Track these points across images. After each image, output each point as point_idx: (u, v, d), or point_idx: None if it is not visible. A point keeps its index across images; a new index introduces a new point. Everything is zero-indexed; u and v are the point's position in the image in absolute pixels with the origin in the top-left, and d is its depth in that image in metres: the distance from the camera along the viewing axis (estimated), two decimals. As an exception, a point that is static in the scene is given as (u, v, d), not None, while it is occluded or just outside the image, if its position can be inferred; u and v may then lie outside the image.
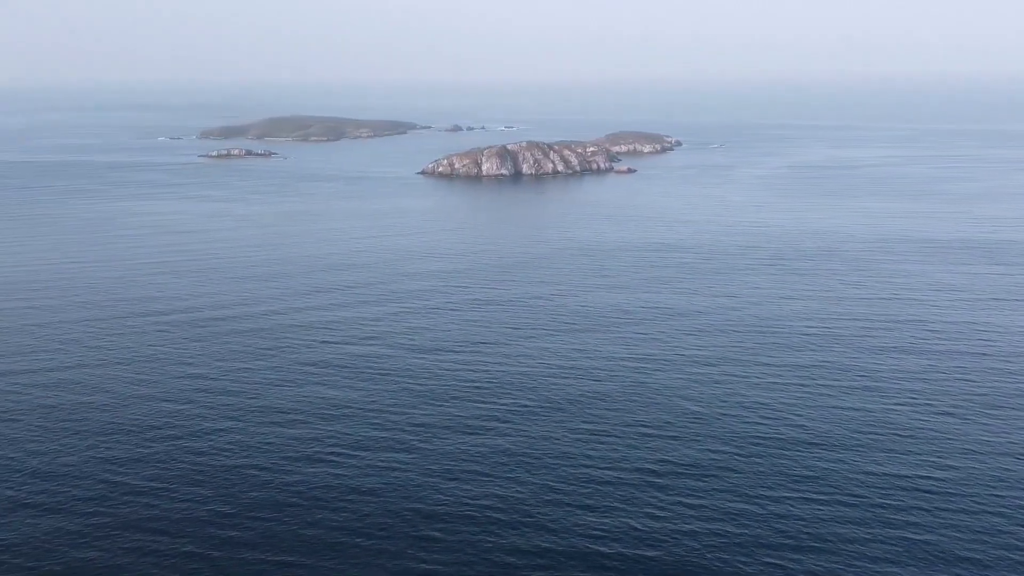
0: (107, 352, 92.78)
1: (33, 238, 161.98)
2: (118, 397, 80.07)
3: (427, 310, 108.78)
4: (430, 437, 71.08)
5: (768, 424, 73.35)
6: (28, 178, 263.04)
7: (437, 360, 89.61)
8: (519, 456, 67.64)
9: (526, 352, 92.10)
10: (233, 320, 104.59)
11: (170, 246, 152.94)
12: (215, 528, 57.79)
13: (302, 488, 62.84)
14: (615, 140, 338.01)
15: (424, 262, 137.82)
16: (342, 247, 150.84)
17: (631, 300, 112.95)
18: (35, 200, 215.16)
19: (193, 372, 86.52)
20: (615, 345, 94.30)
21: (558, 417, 75.05)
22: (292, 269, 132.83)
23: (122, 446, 69.71)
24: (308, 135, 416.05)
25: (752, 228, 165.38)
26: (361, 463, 66.65)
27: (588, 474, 64.66)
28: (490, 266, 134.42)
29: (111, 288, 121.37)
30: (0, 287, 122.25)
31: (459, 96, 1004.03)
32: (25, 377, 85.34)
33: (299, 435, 71.64)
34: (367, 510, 59.83)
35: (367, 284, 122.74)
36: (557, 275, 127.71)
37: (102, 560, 54.27)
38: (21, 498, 61.55)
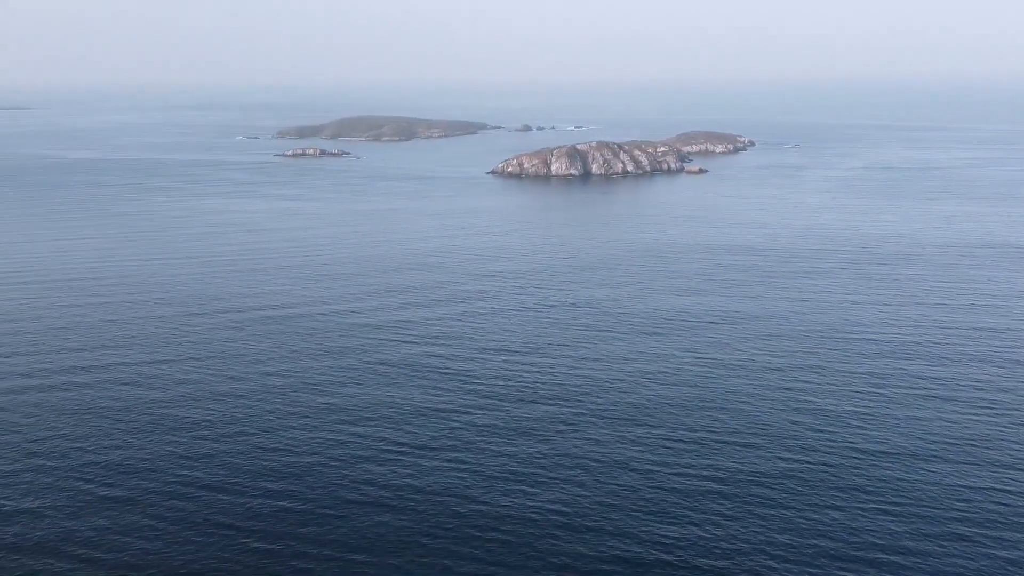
0: (182, 349, 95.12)
1: (114, 235, 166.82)
2: (192, 393, 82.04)
3: (494, 312, 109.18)
4: (495, 439, 71.34)
5: (839, 433, 71.91)
6: (113, 175, 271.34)
7: (503, 362, 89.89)
8: (583, 460, 67.48)
9: (592, 355, 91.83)
10: (305, 319, 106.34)
11: (246, 244, 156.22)
12: (285, 525, 58.84)
13: (369, 487, 63.61)
14: (686, 140, 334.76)
15: (492, 263, 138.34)
16: (412, 247, 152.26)
17: (700, 304, 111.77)
18: (118, 197, 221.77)
19: (265, 370, 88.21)
20: (682, 350, 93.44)
21: (623, 422, 74.66)
22: (364, 269, 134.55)
23: (195, 442, 71.39)
24: (380, 135, 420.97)
25: (826, 231, 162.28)
26: (427, 463, 67.19)
27: (654, 480, 64.20)
28: (558, 267, 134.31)
29: (188, 285, 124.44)
30: (80, 283, 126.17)
31: (530, 97, 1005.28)
32: (104, 372, 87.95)
33: (367, 434, 72.55)
34: (431, 510, 60.31)
35: (436, 285, 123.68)
36: (625, 277, 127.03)
37: (174, 555, 55.64)
38: (100, 492, 63.44)
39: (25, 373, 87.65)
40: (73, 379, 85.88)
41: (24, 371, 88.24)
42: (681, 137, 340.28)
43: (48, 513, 60.19)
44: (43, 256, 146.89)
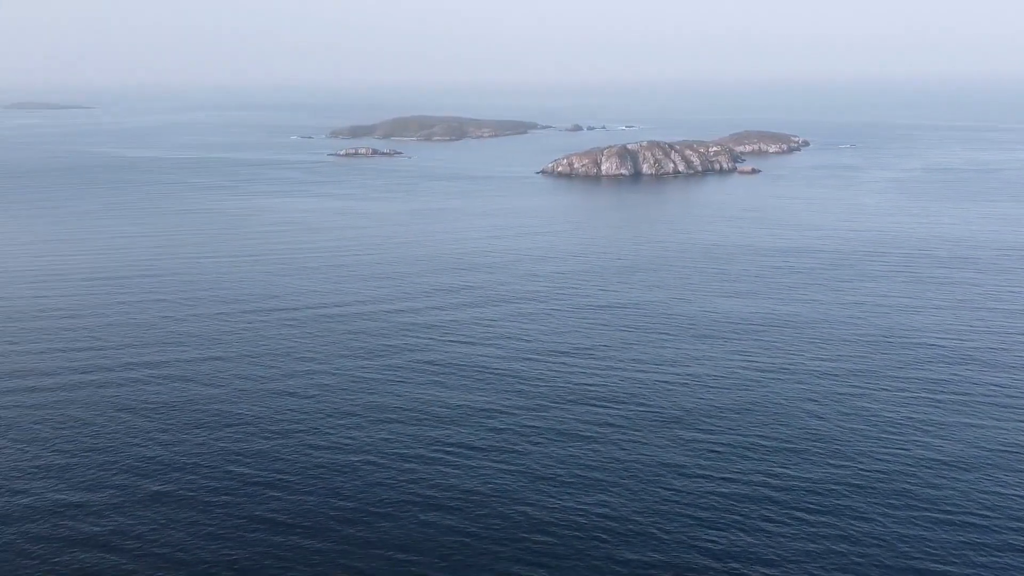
0: (236, 346, 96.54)
1: (172, 232, 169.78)
2: (245, 390, 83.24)
3: (543, 313, 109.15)
4: (541, 441, 71.34)
5: (893, 440, 70.69)
6: (171, 174, 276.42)
7: (551, 363, 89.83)
8: (630, 463, 67.18)
9: (641, 358, 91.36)
10: (356, 318, 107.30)
11: (300, 242, 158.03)
12: (334, 523, 59.45)
13: (416, 487, 63.99)
14: (739, 140, 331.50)
15: (541, 263, 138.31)
16: (461, 247, 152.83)
17: (751, 307, 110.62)
18: (175, 195, 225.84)
19: (316, 368, 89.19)
20: (732, 353, 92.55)
21: (672, 426, 74.19)
22: (414, 268, 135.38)
23: (248, 439, 72.40)
24: (431, 135, 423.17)
25: (882, 233, 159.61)
26: (473, 464, 67.40)
27: (702, 486, 63.70)
28: (607, 268, 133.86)
29: (243, 282, 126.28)
30: (138, 280, 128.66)
31: (580, 96, 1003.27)
32: (159, 369, 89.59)
33: (415, 433, 72.99)
34: (477, 511, 60.49)
35: (485, 285, 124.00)
36: (675, 279, 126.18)
37: (225, 551, 56.49)
38: (154, 487, 64.62)
39: (84, 368, 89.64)
40: (130, 375, 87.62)
41: (83, 366, 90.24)
42: (734, 137, 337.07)
43: (103, 508, 61.48)
44: (103, 253, 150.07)
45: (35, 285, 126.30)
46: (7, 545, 56.76)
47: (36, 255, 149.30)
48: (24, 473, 66.56)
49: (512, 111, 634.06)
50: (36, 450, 70.46)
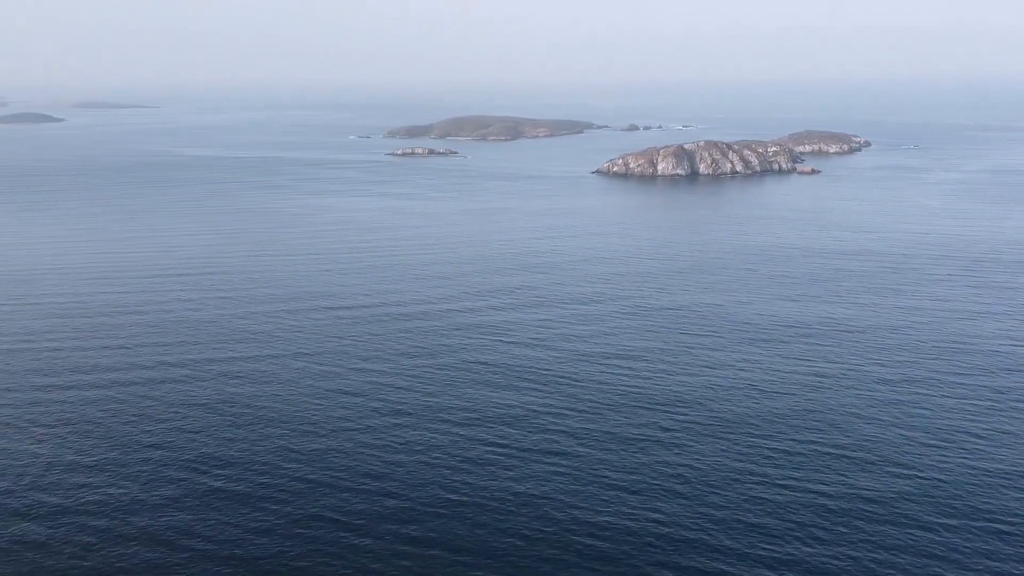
0: (292, 344, 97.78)
1: (230, 230, 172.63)
2: (301, 389, 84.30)
3: (596, 315, 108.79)
4: (593, 444, 71.11)
5: (953, 449, 69.16)
6: (229, 172, 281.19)
7: (604, 367, 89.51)
8: (684, 469, 66.66)
9: (695, 362, 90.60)
10: (411, 318, 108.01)
11: (356, 241, 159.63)
12: (389, 523, 59.91)
13: (468, 488, 64.22)
14: (799, 140, 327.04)
15: (594, 265, 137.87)
16: (515, 247, 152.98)
17: (809, 311, 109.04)
18: (234, 193, 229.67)
19: (371, 367, 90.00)
20: (789, 359, 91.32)
21: (726, 432, 73.44)
22: (467, 269, 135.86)
23: (303, 437, 73.31)
24: (487, 134, 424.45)
25: (945, 236, 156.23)
26: (526, 466, 67.42)
27: (756, 493, 62.97)
28: (662, 270, 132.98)
29: (300, 281, 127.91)
30: (197, 277, 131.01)
31: (638, 97, 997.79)
32: (217, 366, 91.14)
33: (468, 435, 73.25)
34: (530, 514, 60.51)
35: (538, 286, 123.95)
36: (732, 281, 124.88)
37: (282, 550, 57.29)
38: (212, 484, 65.78)
39: (145, 365, 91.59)
40: (189, 371, 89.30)
41: (143, 363, 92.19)
42: (793, 137, 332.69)
43: (160, 503, 62.74)
44: (164, 250, 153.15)
45: (97, 281, 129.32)
46: (68, 538, 58.23)
47: (99, 252, 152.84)
48: (85, 467, 68.21)
49: (568, 111, 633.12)
50: (97, 445, 72.15)
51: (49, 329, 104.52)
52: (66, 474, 66.98)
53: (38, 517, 60.56)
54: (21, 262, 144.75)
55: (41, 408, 79.88)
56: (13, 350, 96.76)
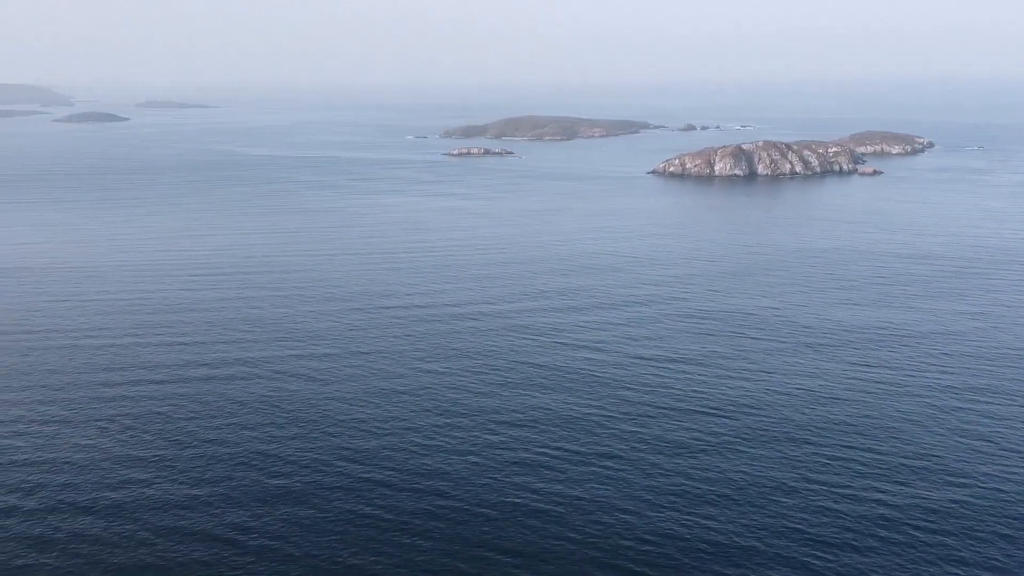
0: (348, 344, 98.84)
1: (290, 229, 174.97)
2: (356, 388, 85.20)
3: (650, 318, 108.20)
4: (645, 449, 70.74)
5: (1015, 459, 67.47)
6: (289, 172, 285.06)
7: (657, 370, 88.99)
8: (737, 475, 66.00)
9: (750, 367, 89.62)
10: (465, 319, 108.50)
11: (412, 241, 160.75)
12: (441, 524, 60.28)
13: (519, 490, 64.32)
14: (860, 140, 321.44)
15: (650, 267, 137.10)
16: (568, 249, 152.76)
17: (868, 316, 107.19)
18: (293, 193, 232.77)
19: (425, 368, 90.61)
20: (847, 365, 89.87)
21: (781, 439, 72.55)
22: (523, 270, 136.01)
23: (358, 436, 74.06)
24: (542, 134, 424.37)
25: (1010, 240, 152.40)
26: (576, 469, 67.34)
27: (811, 502, 62.08)
28: (717, 272, 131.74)
29: (355, 280, 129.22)
30: (256, 275, 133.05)
31: (695, 96, 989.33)
32: (275, 364, 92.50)
33: (519, 436, 73.34)
34: (580, 518, 60.37)
35: (593, 288, 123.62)
36: (790, 285, 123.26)
37: (336, 548, 57.98)
38: (267, 481, 66.81)
39: (204, 362, 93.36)
40: (246, 369, 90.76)
41: (203, 360, 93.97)
42: (854, 137, 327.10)
43: (219, 501, 63.88)
44: (225, 248, 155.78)
45: (159, 278, 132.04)
46: (127, 533, 59.58)
47: (161, 249, 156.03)
48: (145, 463, 69.73)
49: (624, 111, 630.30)
50: (157, 440, 73.73)
51: (112, 325, 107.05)
52: (126, 469, 68.56)
53: (99, 512, 62.06)
54: (87, 258, 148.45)
55: (103, 403, 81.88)
56: (77, 345, 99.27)
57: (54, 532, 59.44)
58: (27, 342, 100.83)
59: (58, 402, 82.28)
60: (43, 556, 56.71)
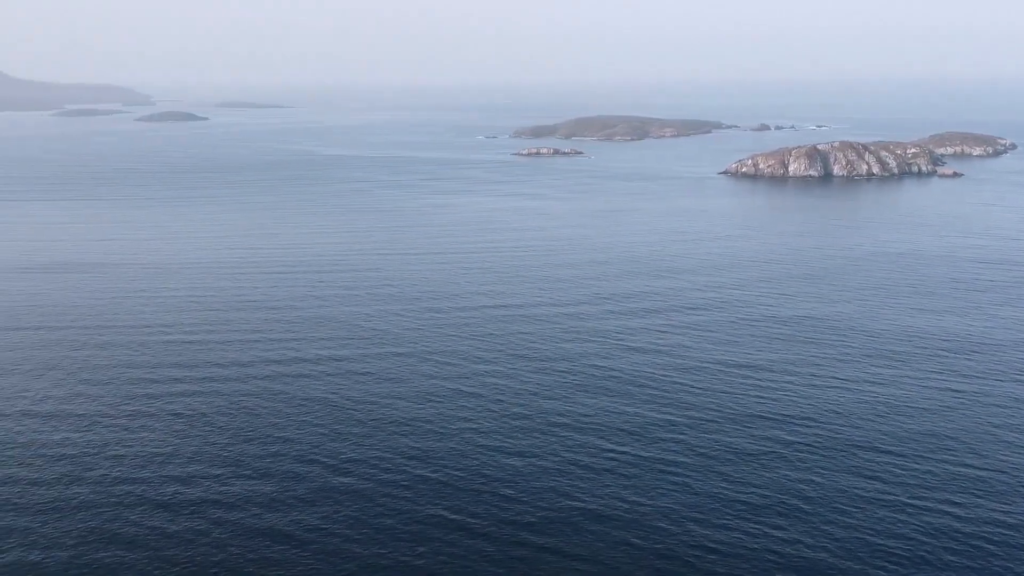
0: (416, 343, 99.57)
1: (362, 228, 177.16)
2: (424, 388, 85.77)
3: (720, 323, 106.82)
4: (712, 459, 69.83)
5: (1103, 477, 64.94)
6: (362, 171, 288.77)
7: (725, 377, 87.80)
8: (805, 485, 64.76)
9: (820, 374, 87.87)
10: (533, 320, 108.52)
11: (480, 241, 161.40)
12: (507, 527, 60.39)
13: (584, 495, 64.06)
14: (939, 141, 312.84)
15: (720, 270, 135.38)
16: (638, 250, 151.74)
17: (946, 323, 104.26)
18: (364, 192, 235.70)
19: (491, 369, 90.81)
20: (921, 374, 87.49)
21: (852, 450, 70.93)
22: (590, 272, 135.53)
23: (424, 437, 74.57)
24: (612, 134, 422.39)
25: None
26: (641, 475, 66.81)
27: (882, 515, 60.59)
28: (789, 277, 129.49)
29: (425, 280, 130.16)
30: (328, 274, 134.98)
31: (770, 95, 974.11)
32: (344, 364, 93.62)
33: (584, 441, 73.02)
34: (642, 525, 59.90)
35: (661, 291, 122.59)
36: (864, 289, 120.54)
37: (400, 550, 58.47)
38: (334, 481, 67.71)
39: (275, 360, 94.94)
40: (316, 367, 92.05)
41: (274, 358, 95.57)
42: (934, 138, 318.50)
43: (290, 499, 64.87)
44: (297, 246, 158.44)
45: (233, 276, 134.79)
46: (200, 530, 60.91)
47: (236, 247, 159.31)
48: (218, 460, 71.16)
49: (695, 110, 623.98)
50: (229, 438, 75.21)
51: (185, 321, 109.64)
52: (197, 465, 70.07)
53: (173, 508, 63.53)
54: (163, 255, 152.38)
55: (178, 399, 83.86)
56: (151, 341, 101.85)
57: (128, 527, 60.98)
58: (104, 336, 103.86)
59: (134, 397, 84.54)
60: (119, 551, 58.23)
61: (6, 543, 58.90)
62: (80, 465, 70.00)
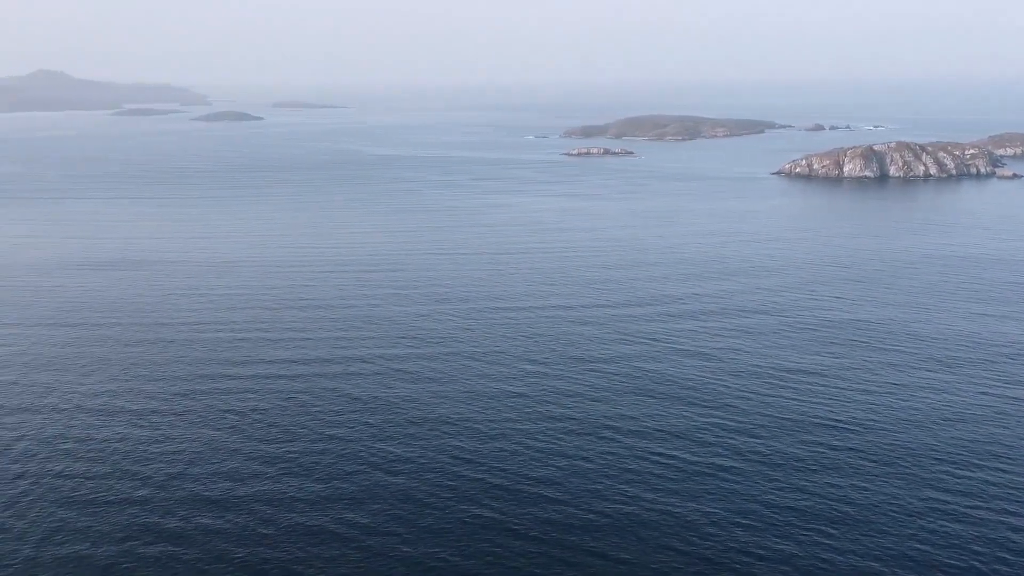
0: (463, 344, 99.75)
1: (412, 228, 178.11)
2: (472, 389, 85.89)
3: (771, 327, 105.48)
4: (760, 462, 68.95)
5: None
6: (412, 171, 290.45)
7: (775, 381, 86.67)
8: (855, 493, 63.63)
9: (873, 379, 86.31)
10: (580, 322, 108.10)
11: (528, 241, 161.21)
12: (553, 529, 60.24)
13: (629, 499, 63.69)
14: (999, 142, 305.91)
15: (771, 272, 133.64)
16: (688, 252, 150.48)
17: (1003, 329, 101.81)
18: (416, 191, 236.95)
19: (539, 371, 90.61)
20: (977, 381, 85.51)
21: (902, 457, 69.56)
22: (640, 273, 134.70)
23: (473, 438, 74.67)
24: (663, 134, 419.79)
25: None
26: (688, 480, 66.22)
27: (933, 525, 59.33)
28: (842, 279, 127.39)
29: (474, 280, 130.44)
30: (379, 273, 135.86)
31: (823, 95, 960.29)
32: (393, 363, 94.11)
33: (631, 445, 72.58)
34: (688, 530, 59.36)
35: (712, 294, 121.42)
36: (919, 293, 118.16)
37: (448, 550, 58.60)
38: (384, 480, 68.07)
39: (326, 359, 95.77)
40: (367, 366, 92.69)
41: (325, 356, 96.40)
42: (994, 139, 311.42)
43: (338, 498, 65.38)
44: (350, 246, 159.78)
45: (287, 274, 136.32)
46: (250, 527, 61.64)
47: (291, 246, 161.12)
48: (269, 458, 71.99)
49: (748, 110, 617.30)
50: (280, 435, 76.06)
51: (238, 319, 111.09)
52: (250, 463, 70.91)
53: (223, 504, 64.42)
54: (216, 253, 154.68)
55: (229, 396, 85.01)
56: (203, 338, 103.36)
57: (178, 522, 61.95)
58: (157, 333, 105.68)
59: (186, 394, 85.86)
60: (168, 545, 59.18)
61: (59, 536, 60.19)
62: (131, 460, 71.32)
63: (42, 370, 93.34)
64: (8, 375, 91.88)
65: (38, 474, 69.11)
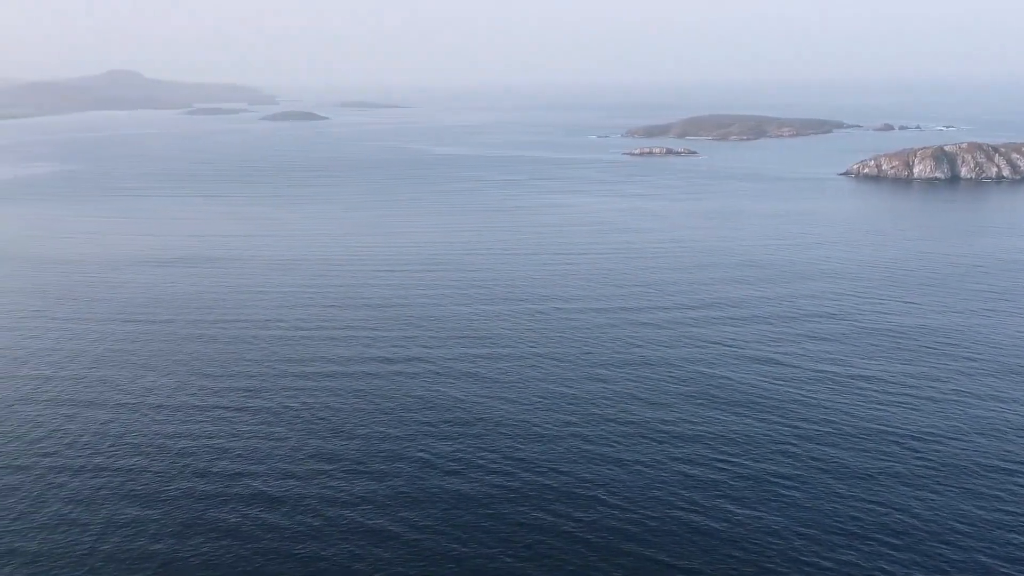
0: (522, 345, 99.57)
1: (476, 226, 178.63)
2: (527, 390, 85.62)
3: (836, 333, 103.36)
4: (824, 472, 67.58)
5: None
6: (474, 171, 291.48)
7: (840, 389, 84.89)
8: (923, 508, 62.02)
9: (943, 388, 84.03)
10: (640, 325, 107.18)
11: (589, 242, 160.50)
12: (608, 535, 59.79)
13: (689, 506, 62.90)
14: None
15: (840, 276, 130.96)
16: (751, 254, 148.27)
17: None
18: (477, 191, 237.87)
19: (598, 373, 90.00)
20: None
21: (971, 470, 67.56)
22: (702, 276, 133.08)
23: (528, 440, 74.45)
24: (727, 134, 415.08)
25: None
26: (748, 490, 65.22)
27: (1006, 540, 57.51)
28: (913, 283, 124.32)
29: (534, 281, 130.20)
30: (441, 272, 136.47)
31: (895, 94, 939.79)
32: (452, 364, 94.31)
33: (690, 451, 71.69)
34: (748, 541, 58.46)
35: (775, 298, 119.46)
36: (992, 299, 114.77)
37: (504, 552, 58.55)
38: (438, 482, 68.30)
39: (386, 358, 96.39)
40: (426, 367, 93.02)
41: (385, 356, 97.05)
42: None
43: (393, 497, 65.70)
44: (412, 245, 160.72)
45: (348, 273, 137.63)
46: (304, 523, 62.31)
47: (355, 245, 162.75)
48: (327, 456, 72.68)
49: (815, 109, 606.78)
50: (338, 434, 76.72)
51: (300, 316, 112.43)
52: (307, 461, 71.65)
53: (280, 501, 65.18)
54: (280, 250, 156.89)
55: (288, 394, 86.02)
56: (264, 335, 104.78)
57: (234, 517, 62.86)
58: (219, 329, 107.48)
59: (245, 391, 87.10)
60: (224, 540, 60.03)
61: (121, 530, 61.46)
62: (190, 456, 72.58)
63: (110, 365, 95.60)
64: (77, 370, 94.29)
65: (102, 468, 70.70)
